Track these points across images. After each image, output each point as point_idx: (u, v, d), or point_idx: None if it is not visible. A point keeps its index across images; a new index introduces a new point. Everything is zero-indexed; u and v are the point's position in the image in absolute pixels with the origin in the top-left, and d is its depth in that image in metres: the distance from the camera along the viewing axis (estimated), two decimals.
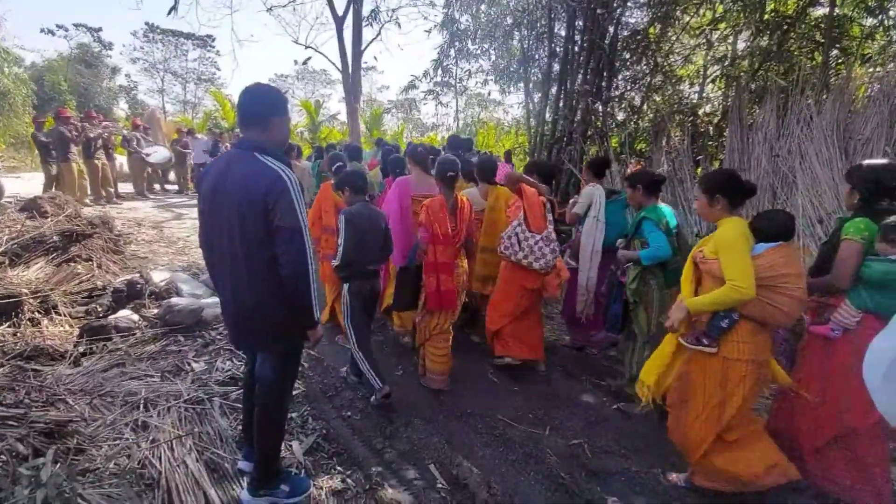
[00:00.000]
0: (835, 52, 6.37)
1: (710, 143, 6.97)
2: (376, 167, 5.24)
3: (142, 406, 2.48)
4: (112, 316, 3.55)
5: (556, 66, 7.51)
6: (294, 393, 2.77)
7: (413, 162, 3.64)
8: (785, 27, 6.35)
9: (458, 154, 5.01)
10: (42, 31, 26.94)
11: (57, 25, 26.89)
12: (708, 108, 8.07)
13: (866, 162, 2.36)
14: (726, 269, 1.96)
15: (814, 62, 6.39)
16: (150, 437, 2.24)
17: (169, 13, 9.27)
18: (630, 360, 2.97)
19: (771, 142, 5.10)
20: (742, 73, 6.98)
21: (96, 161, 8.81)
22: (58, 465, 1.70)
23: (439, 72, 9.36)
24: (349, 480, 2.21)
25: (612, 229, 3.44)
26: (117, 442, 2.15)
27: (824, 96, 5.17)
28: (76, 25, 27.44)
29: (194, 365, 3.10)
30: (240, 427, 2.45)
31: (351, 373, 3.14)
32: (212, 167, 1.85)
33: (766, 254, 2.02)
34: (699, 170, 6.15)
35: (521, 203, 3.14)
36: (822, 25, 6.33)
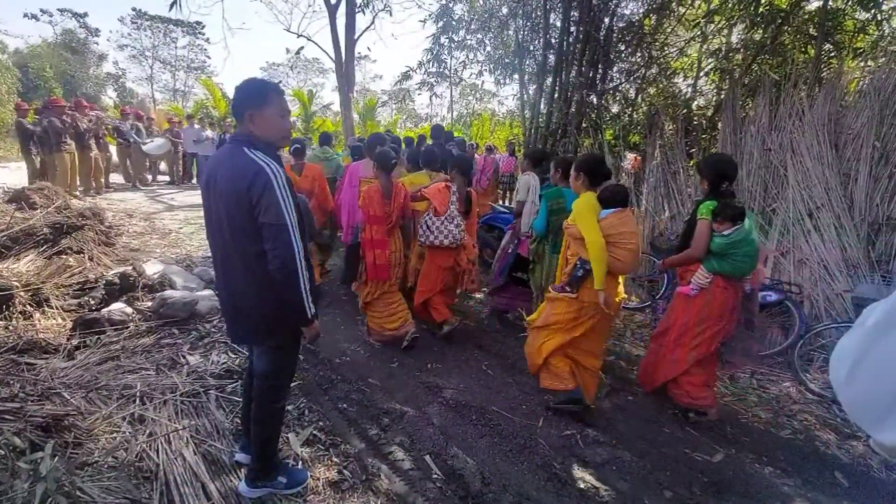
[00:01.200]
0: (827, 45, 6.39)
1: (703, 136, 7.00)
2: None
3: (138, 399, 2.48)
4: (105, 309, 3.53)
5: (552, 58, 7.47)
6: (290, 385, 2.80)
7: (366, 151, 4.42)
8: (779, 20, 6.36)
9: (440, 144, 5.75)
10: (26, 15, 26.33)
11: (41, 10, 26.31)
12: (701, 102, 8.08)
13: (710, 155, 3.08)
14: (583, 232, 2.58)
15: (806, 55, 6.42)
16: (147, 431, 2.25)
17: (171, 8, 9.07)
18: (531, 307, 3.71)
19: (763, 135, 5.13)
20: (736, 67, 7.00)
21: (88, 153, 8.57)
22: (56, 458, 1.70)
23: (433, 63, 9.26)
24: (346, 472, 2.24)
25: None
26: (114, 435, 2.16)
27: (816, 90, 5.20)
28: (61, 10, 26.86)
29: (189, 358, 3.11)
30: (236, 419, 2.48)
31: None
32: (210, 161, 1.88)
33: (609, 217, 2.65)
34: (692, 162, 6.18)
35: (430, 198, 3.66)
36: (816, 19, 6.34)
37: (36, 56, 22.66)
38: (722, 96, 6.75)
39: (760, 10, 6.55)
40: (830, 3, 6.22)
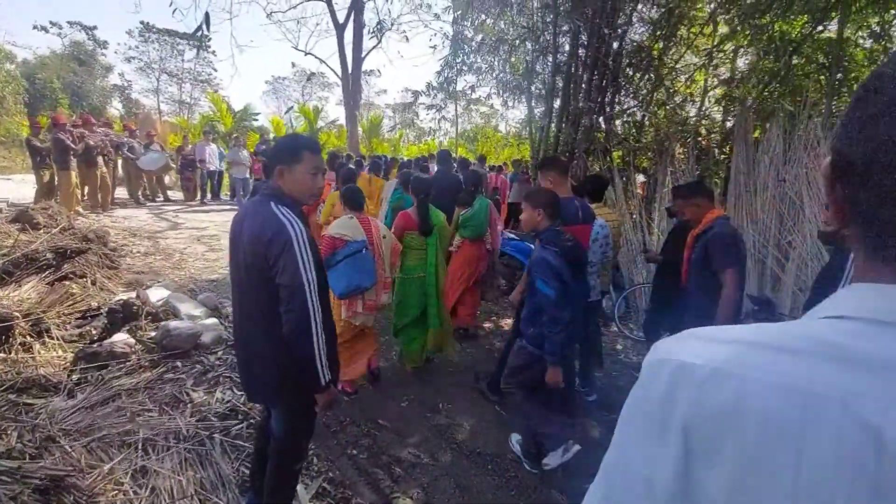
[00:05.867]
0: (839, 75, 6.37)
1: (714, 161, 6.96)
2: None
3: (140, 448, 2.37)
4: (107, 341, 3.42)
5: (560, 82, 7.48)
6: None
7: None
8: (790, 50, 6.35)
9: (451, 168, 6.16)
10: (35, 27, 26.56)
11: (51, 22, 26.57)
12: (711, 128, 8.06)
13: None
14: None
15: (818, 85, 6.40)
16: (150, 485, 2.13)
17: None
18: None
19: (777, 167, 5.07)
20: (748, 95, 6.98)
21: (95, 170, 8.47)
22: None
23: (444, 85, 9.28)
24: None
25: None
26: (116, 493, 2.05)
27: (831, 121, 5.16)
28: (70, 23, 27.13)
29: (193, 395, 2.99)
30: (241, 468, 2.37)
31: None
32: (238, 212, 1.85)
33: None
34: None
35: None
36: (826, 49, 6.34)
37: (43, 67, 22.86)
38: (730, 123, 6.73)
39: (771, 36, 6.55)
40: (837, 32, 6.23)
